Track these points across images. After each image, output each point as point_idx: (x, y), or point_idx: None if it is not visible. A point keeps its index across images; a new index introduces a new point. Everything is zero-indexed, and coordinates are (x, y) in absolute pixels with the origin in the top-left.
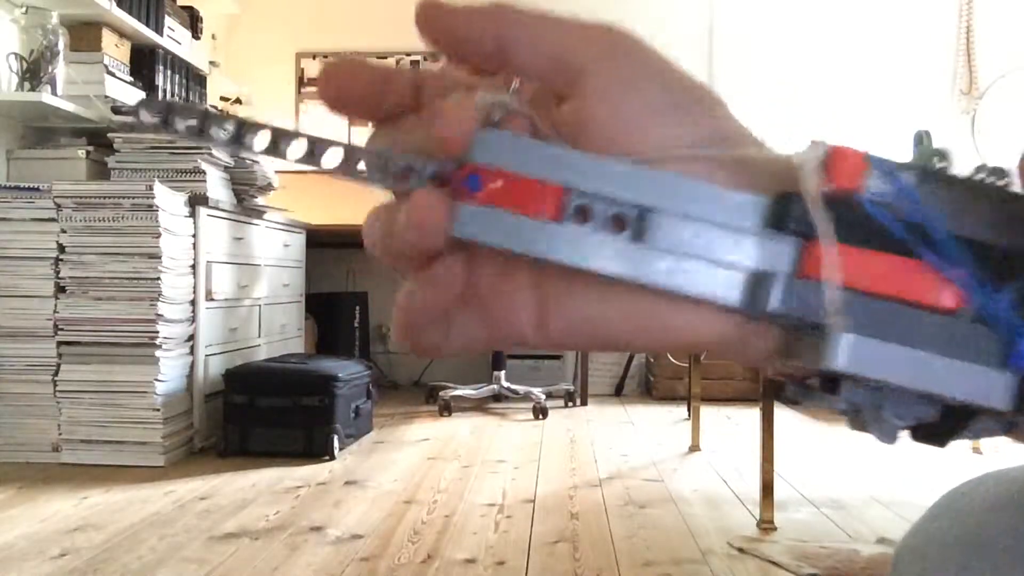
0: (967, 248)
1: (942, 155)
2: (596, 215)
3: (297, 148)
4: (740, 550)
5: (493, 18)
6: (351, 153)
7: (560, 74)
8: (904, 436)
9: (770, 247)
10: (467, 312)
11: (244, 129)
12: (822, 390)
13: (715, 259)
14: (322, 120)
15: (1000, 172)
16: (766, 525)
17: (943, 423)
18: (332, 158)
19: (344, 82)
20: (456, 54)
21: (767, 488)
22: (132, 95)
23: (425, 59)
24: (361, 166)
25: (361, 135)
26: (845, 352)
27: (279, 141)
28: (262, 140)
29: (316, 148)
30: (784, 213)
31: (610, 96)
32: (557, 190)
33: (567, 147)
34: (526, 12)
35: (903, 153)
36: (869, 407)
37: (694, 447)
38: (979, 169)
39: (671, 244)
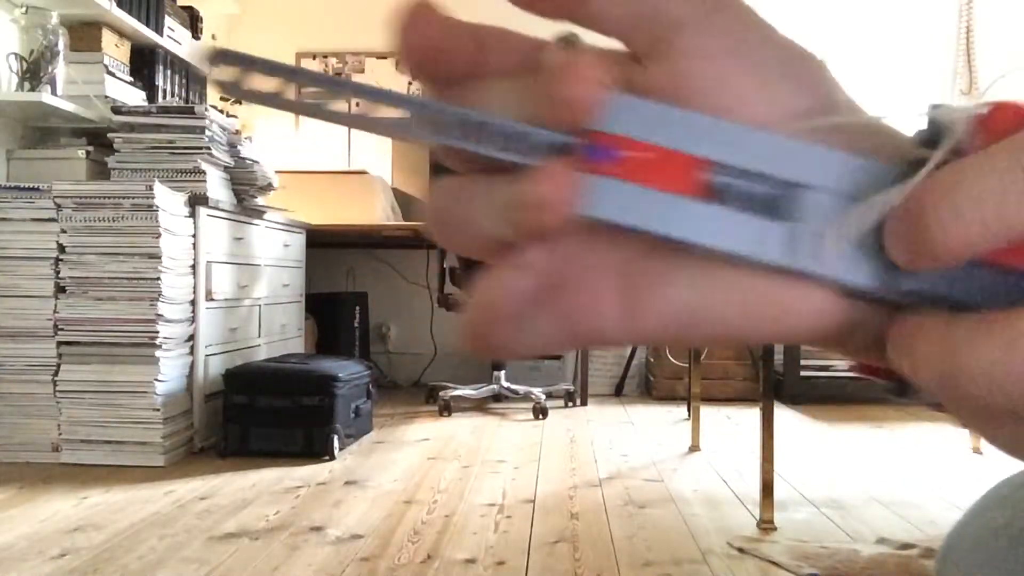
0: None
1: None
2: (743, 192)
3: (387, 111)
4: (740, 550)
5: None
6: (482, 127)
7: (652, 29)
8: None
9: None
10: (543, 308)
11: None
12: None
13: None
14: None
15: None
16: (766, 525)
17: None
18: (452, 133)
19: (428, 31)
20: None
21: (767, 488)
22: (132, 95)
23: None
24: (487, 136)
25: None
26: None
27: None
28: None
29: (432, 110)
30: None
31: (715, 55)
32: (700, 162)
33: (706, 115)
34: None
35: None
36: None
37: (694, 447)
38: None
39: (829, 226)
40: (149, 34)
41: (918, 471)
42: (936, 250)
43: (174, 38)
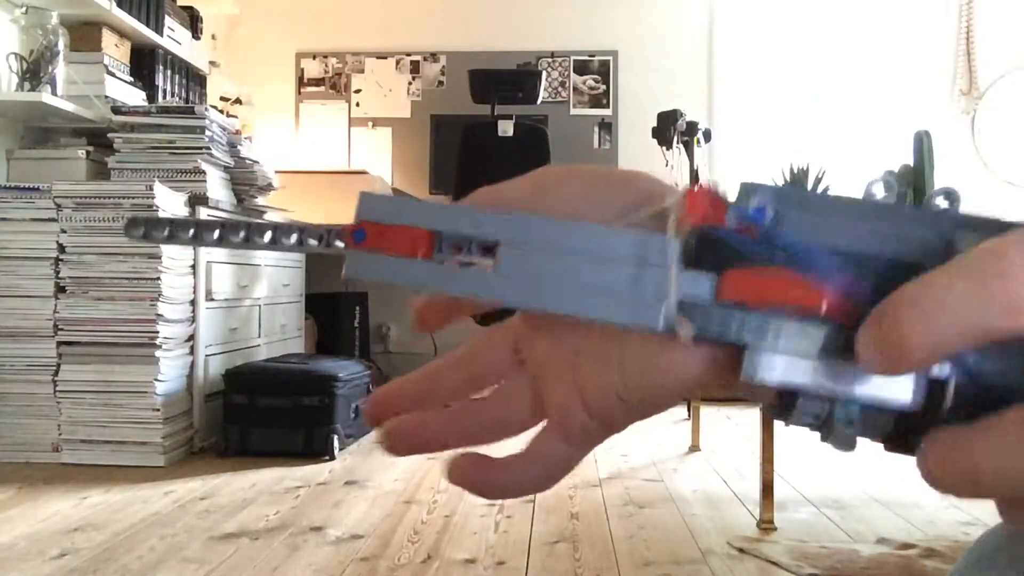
0: (848, 260)
1: (950, 195)
2: (466, 250)
3: (236, 234)
4: (740, 550)
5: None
6: (278, 229)
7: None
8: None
9: (690, 278)
10: (550, 439)
11: (200, 227)
12: (783, 407)
13: (641, 291)
14: (320, 120)
15: (951, 195)
16: (766, 525)
17: (900, 432)
18: (266, 237)
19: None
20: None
21: (767, 488)
22: (132, 95)
23: (425, 59)
24: (292, 239)
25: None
26: (753, 365)
27: (225, 234)
28: (213, 235)
29: (251, 232)
30: (701, 251)
31: (561, 201)
32: (427, 234)
33: (437, 203)
34: (474, 198)
35: (904, 154)
36: (824, 416)
37: (694, 447)
38: (935, 193)
39: (549, 273)
40: (149, 34)
41: (918, 471)
42: (909, 356)
43: (174, 38)
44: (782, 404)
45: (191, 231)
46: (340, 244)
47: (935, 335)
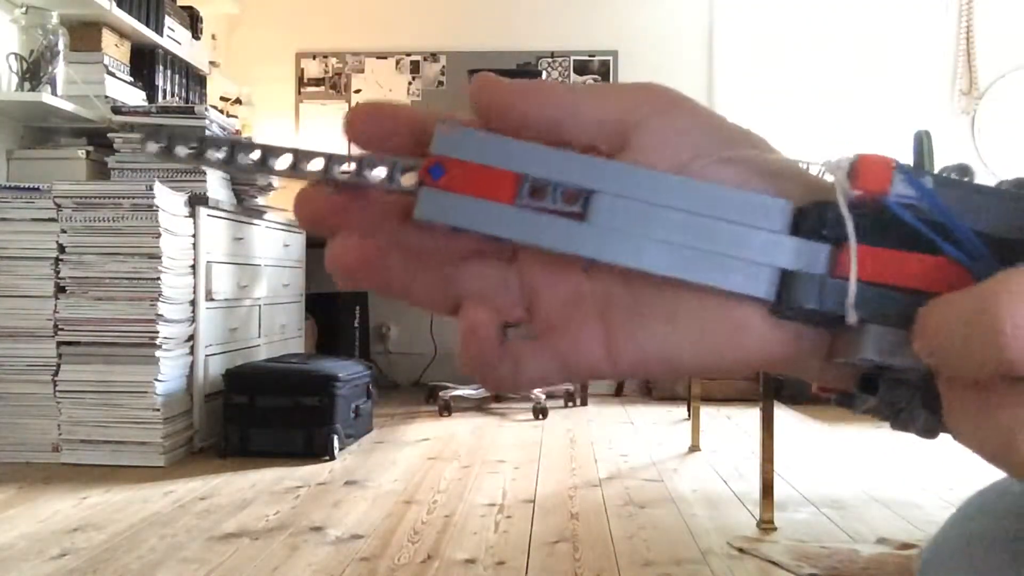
0: (988, 243)
1: (964, 170)
2: (551, 196)
3: (283, 161)
4: (740, 550)
5: (549, 95)
6: (331, 160)
7: (617, 134)
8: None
9: (805, 248)
10: (538, 346)
11: (236, 148)
12: (863, 391)
13: (746, 257)
14: (320, 120)
15: (964, 170)
16: (766, 525)
17: None
18: (315, 165)
19: (365, 126)
20: (507, 127)
21: (767, 488)
22: (132, 95)
23: (425, 59)
24: (343, 169)
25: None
26: (873, 343)
27: (267, 157)
28: (252, 156)
29: (299, 159)
30: (820, 218)
31: (662, 142)
32: (511, 176)
33: (524, 141)
34: (578, 88)
35: (903, 153)
36: (906, 404)
37: (694, 447)
38: (945, 169)
39: (652, 231)
40: (149, 34)
41: (918, 471)
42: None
43: (174, 38)
44: (862, 389)
45: (224, 150)
46: (410, 180)
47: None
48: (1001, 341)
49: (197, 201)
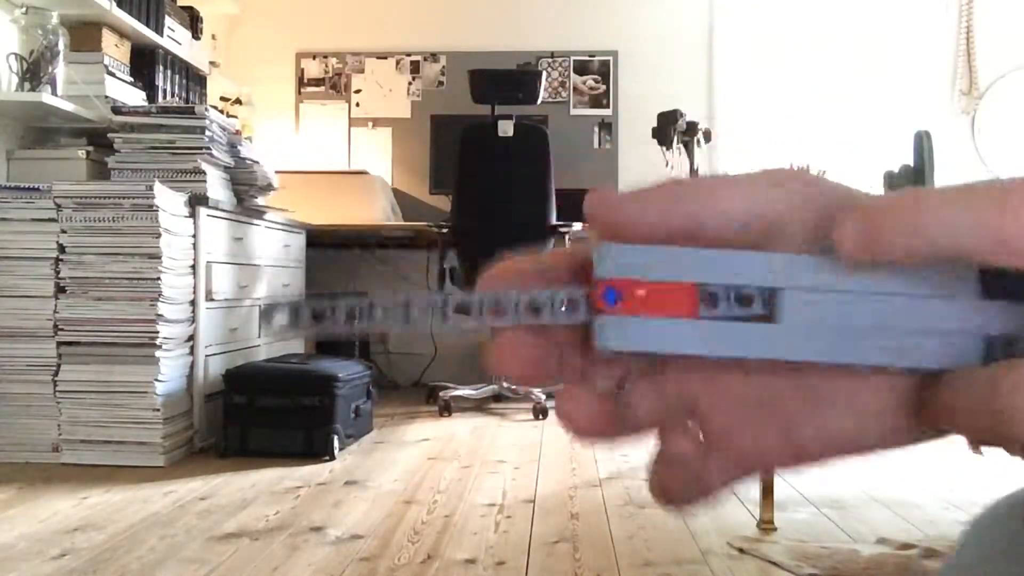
0: None
1: None
2: (726, 302)
3: (427, 309)
4: (740, 550)
5: (671, 198)
6: (482, 300)
7: (754, 227)
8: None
9: (1011, 311)
10: (719, 456)
11: (376, 307)
12: None
13: (950, 329)
14: (320, 120)
15: None
16: (766, 525)
17: None
18: (469, 309)
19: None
20: (624, 237)
21: (767, 488)
22: (132, 95)
23: (425, 59)
24: (516, 308)
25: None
26: None
27: (410, 307)
28: (393, 314)
29: (446, 303)
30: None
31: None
32: (690, 288)
33: (692, 247)
34: (703, 183)
35: (904, 153)
36: None
37: None
38: None
39: (861, 323)
40: (149, 34)
41: (918, 471)
42: None
43: (174, 38)
44: None
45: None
46: (580, 311)
47: (918, 233)
48: None
49: (197, 201)
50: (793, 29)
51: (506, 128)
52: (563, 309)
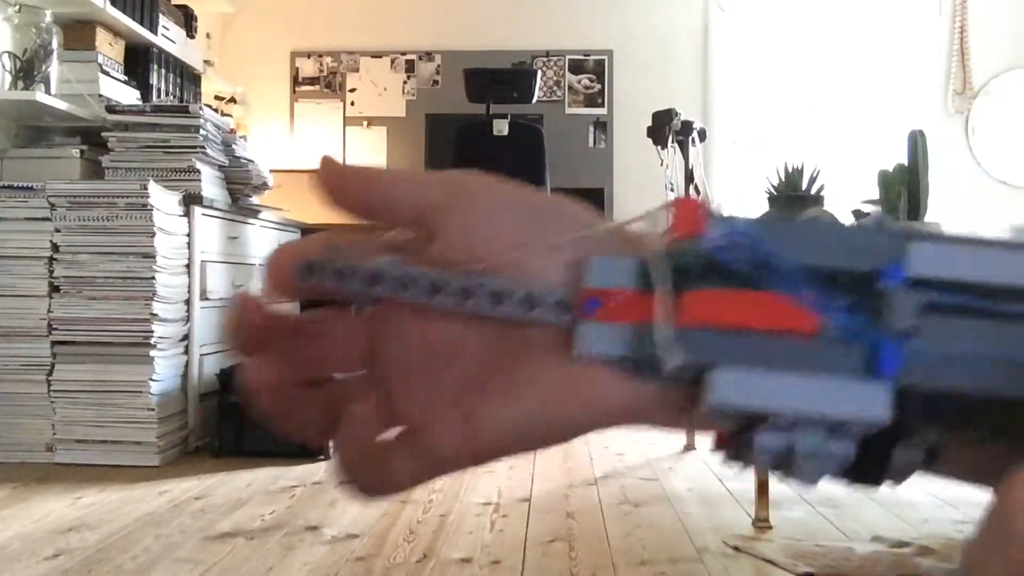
0: (820, 276)
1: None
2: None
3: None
4: (736, 549)
5: (371, 182)
6: (471, 289)
7: (428, 219)
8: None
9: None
10: (407, 445)
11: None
12: (738, 444)
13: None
14: (315, 119)
15: (859, 214)
16: (761, 524)
17: (864, 462)
18: (450, 300)
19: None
20: (343, 207)
21: (762, 487)
22: (126, 94)
23: (420, 58)
24: (479, 303)
25: None
26: (719, 386)
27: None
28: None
29: (437, 287)
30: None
31: (470, 228)
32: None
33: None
34: (395, 175)
35: (898, 153)
36: (784, 451)
37: (689, 446)
38: (855, 214)
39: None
40: (143, 33)
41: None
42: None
43: (168, 37)
44: (737, 442)
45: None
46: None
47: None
48: None
49: (191, 200)
50: (788, 29)
51: (501, 127)
52: (546, 304)
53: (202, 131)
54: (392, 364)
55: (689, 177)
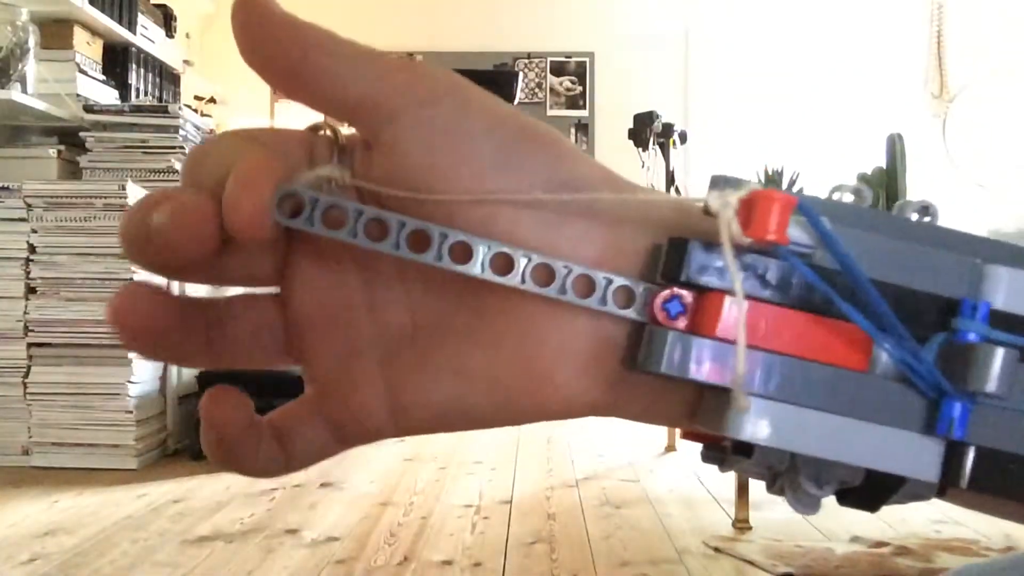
0: (890, 297)
1: (926, 209)
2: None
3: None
4: (716, 550)
5: (297, 33)
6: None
7: (369, 116)
8: (827, 501)
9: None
10: (307, 414)
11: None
12: (734, 452)
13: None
14: (297, 119)
15: (926, 210)
16: (741, 524)
17: (869, 488)
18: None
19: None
20: (261, 60)
21: (742, 488)
22: (104, 94)
23: (412, 56)
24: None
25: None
26: (750, 421)
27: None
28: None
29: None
30: (678, 262)
31: (427, 142)
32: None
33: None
34: (334, 38)
35: (876, 156)
36: (785, 472)
37: (670, 447)
38: (904, 206)
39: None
40: (122, 32)
41: None
42: None
43: (147, 36)
44: (735, 449)
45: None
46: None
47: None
48: None
49: None
50: (769, 32)
51: None
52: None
53: (181, 131)
54: (303, 312)
55: (670, 179)
